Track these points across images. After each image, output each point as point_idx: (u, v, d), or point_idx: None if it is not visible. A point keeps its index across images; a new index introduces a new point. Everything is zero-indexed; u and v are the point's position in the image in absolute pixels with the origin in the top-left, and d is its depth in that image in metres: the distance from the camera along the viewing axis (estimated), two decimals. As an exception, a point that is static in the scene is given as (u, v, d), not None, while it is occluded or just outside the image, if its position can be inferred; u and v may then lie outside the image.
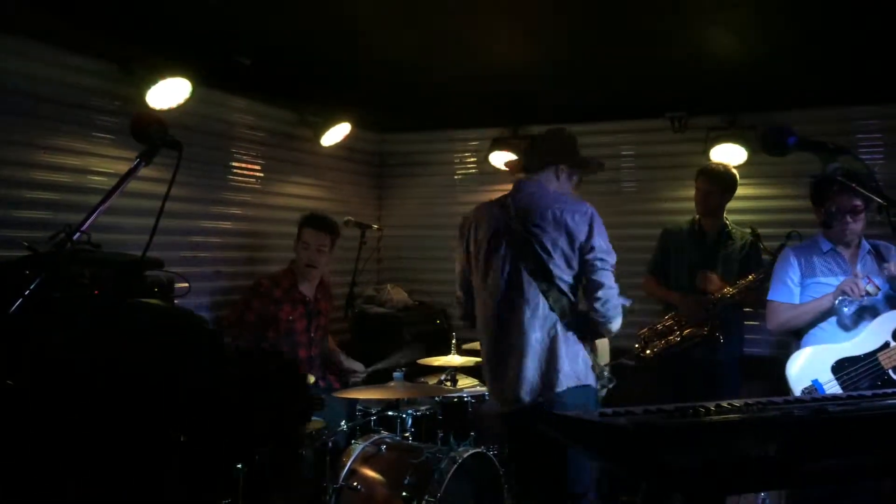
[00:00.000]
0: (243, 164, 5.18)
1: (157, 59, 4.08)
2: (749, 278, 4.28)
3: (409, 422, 4.09)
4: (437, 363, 4.66)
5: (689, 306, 4.42)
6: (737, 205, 4.72)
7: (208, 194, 4.86)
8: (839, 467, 1.91)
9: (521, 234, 3.28)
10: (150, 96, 4.09)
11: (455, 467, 3.52)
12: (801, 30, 3.86)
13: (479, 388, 4.46)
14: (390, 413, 4.12)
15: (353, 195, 6.28)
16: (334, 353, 4.83)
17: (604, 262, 3.25)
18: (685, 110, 5.38)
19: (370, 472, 3.70)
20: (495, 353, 3.37)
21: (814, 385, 3.48)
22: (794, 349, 3.70)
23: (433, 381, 4.68)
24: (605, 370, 3.35)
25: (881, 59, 4.24)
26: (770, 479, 1.85)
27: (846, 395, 2.38)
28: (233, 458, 2.66)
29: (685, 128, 5.45)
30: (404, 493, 3.55)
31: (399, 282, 6.23)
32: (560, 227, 3.25)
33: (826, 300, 3.59)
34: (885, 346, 3.45)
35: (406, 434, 4.06)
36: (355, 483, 3.65)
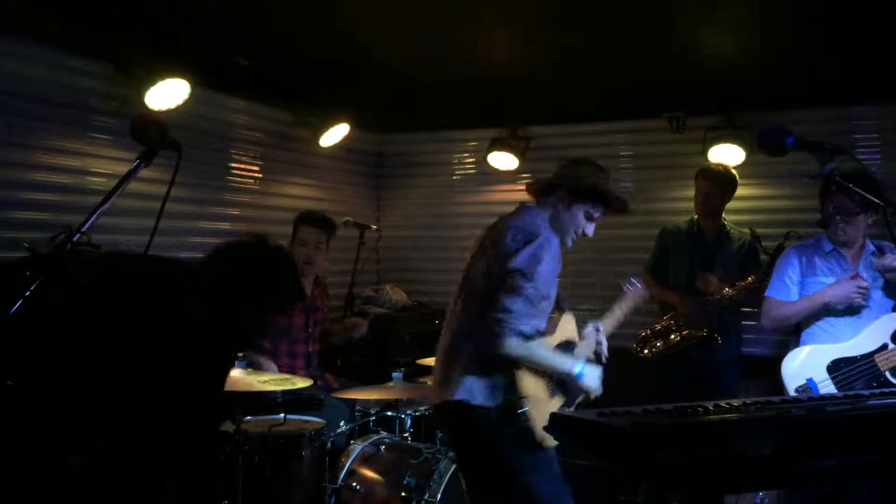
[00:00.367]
0: (242, 165, 5.18)
1: (155, 60, 4.08)
2: (748, 280, 4.28)
3: (409, 422, 4.10)
4: (435, 363, 4.66)
5: (690, 308, 4.43)
6: (735, 205, 4.72)
7: (207, 195, 4.86)
8: (837, 467, 1.92)
9: (482, 250, 3.18)
10: (149, 97, 4.09)
11: (454, 467, 3.53)
12: (799, 30, 3.86)
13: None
14: (389, 413, 4.13)
15: (351, 196, 6.29)
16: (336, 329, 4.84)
17: (517, 287, 2.93)
18: (683, 110, 5.39)
19: (369, 473, 3.71)
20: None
21: (808, 384, 3.48)
22: (793, 347, 3.71)
23: (432, 381, 4.68)
24: (521, 404, 2.99)
25: (879, 59, 4.24)
26: (768, 478, 1.86)
27: (843, 395, 2.39)
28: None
29: (683, 128, 5.47)
30: (403, 494, 3.56)
31: (398, 282, 6.23)
32: (500, 244, 3.07)
33: (818, 298, 3.58)
34: (884, 347, 3.44)
35: (405, 434, 4.07)
36: (354, 483, 3.66)
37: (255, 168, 5.28)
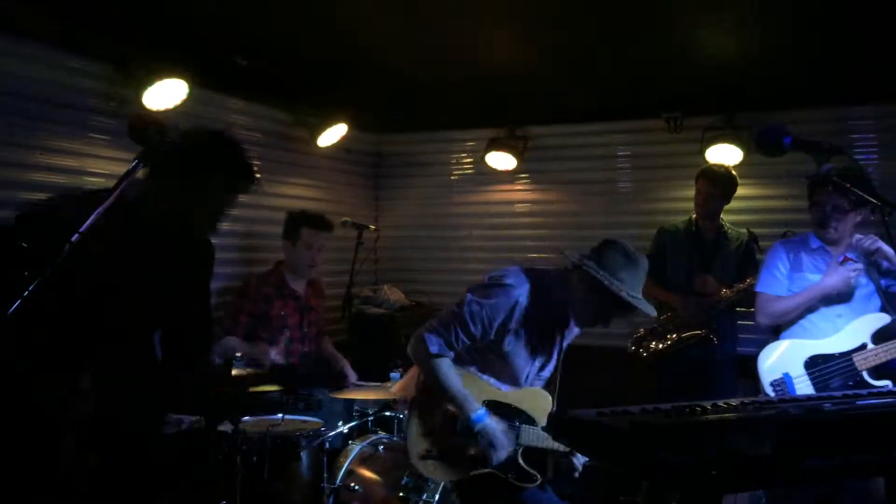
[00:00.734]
0: (240, 165, 5.17)
1: (153, 60, 4.08)
2: (747, 281, 4.28)
3: (407, 422, 4.09)
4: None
5: (689, 309, 4.43)
6: (733, 205, 4.72)
7: (205, 195, 4.84)
8: (835, 466, 1.92)
9: None
10: (147, 97, 4.08)
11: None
12: (797, 30, 3.87)
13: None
14: (387, 413, 4.13)
15: (349, 196, 6.29)
16: (336, 359, 4.75)
17: (451, 311, 2.92)
18: (681, 110, 5.40)
19: (368, 473, 3.71)
20: None
21: (784, 378, 3.45)
22: (771, 341, 3.69)
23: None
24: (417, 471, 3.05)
25: (877, 60, 4.25)
26: (767, 477, 1.86)
27: (841, 395, 2.39)
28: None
29: (681, 128, 5.47)
30: (401, 494, 3.56)
31: (396, 282, 6.23)
32: None
33: (815, 291, 3.53)
34: (863, 347, 3.43)
35: (403, 434, 4.06)
36: (353, 483, 3.66)
37: (254, 168, 5.26)
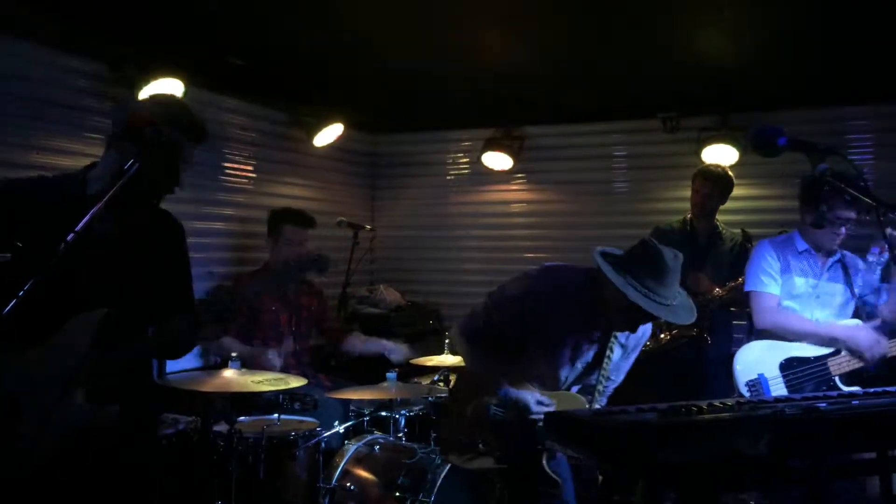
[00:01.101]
0: (236, 165, 5.17)
1: (149, 60, 4.07)
2: (739, 280, 4.28)
3: (403, 422, 4.09)
4: (430, 363, 4.66)
5: None
6: (728, 205, 4.73)
7: (201, 195, 4.84)
8: (831, 465, 1.93)
9: None
10: (143, 97, 4.08)
11: (448, 467, 3.53)
12: (793, 31, 3.88)
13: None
14: (383, 413, 4.12)
15: (345, 196, 6.28)
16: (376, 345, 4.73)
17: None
18: (677, 111, 5.41)
19: (363, 473, 3.70)
20: None
21: (759, 379, 3.45)
22: (747, 340, 3.69)
23: (426, 381, 4.69)
24: None
25: (872, 60, 4.26)
26: (762, 477, 1.87)
27: (836, 395, 2.39)
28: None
29: (677, 128, 5.48)
30: (398, 494, 3.56)
31: (392, 282, 6.23)
32: None
33: (832, 333, 3.46)
34: (837, 352, 3.45)
35: (399, 434, 4.06)
36: (348, 484, 3.66)
37: (250, 168, 5.27)
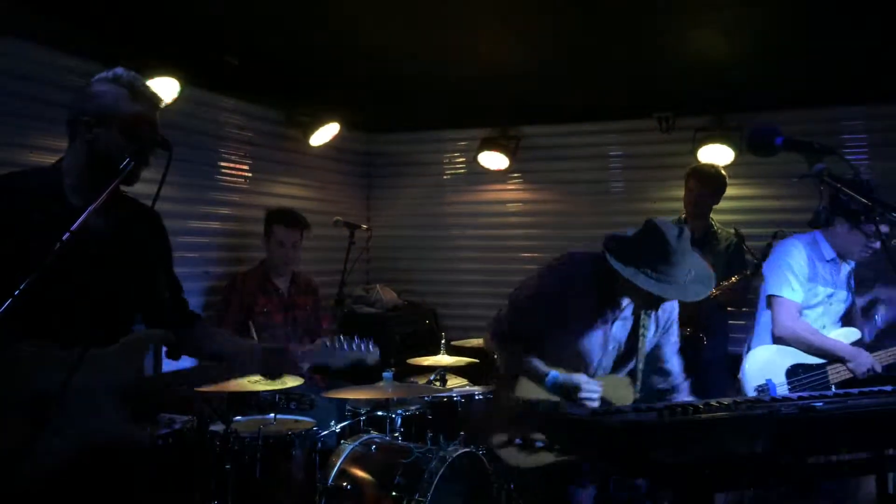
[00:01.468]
0: (232, 164, 5.16)
1: (145, 59, 4.05)
2: (732, 280, 4.29)
3: (399, 422, 4.09)
4: (426, 363, 4.66)
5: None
6: (723, 205, 4.74)
7: (196, 194, 4.84)
8: (827, 464, 1.93)
9: None
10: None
11: (445, 467, 3.52)
12: (788, 30, 3.89)
13: (468, 387, 4.47)
14: (380, 413, 4.12)
15: (341, 195, 6.28)
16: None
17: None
18: (672, 110, 5.41)
19: (360, 473, 3.70)
20: None
21: (767, 385, 3.46)
22: (747, 340, 3.70)
23: (422, 380, 4.69)
24: None
25: (867, 60, 4.27)
26: (758, 476, 1.87)
27: (833, 393, 2.40)
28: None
29: (672, 128, 5.49)
30: (394, 493, 3.55)
31: (388, 282, 6.23)
32: None
33: (835, 350, 3.48)
34: (835, 361, 3.48)
35: (396, 434, 4.06)
36: (345, 483, 3.65)
37: (246, 167, 5.26)
